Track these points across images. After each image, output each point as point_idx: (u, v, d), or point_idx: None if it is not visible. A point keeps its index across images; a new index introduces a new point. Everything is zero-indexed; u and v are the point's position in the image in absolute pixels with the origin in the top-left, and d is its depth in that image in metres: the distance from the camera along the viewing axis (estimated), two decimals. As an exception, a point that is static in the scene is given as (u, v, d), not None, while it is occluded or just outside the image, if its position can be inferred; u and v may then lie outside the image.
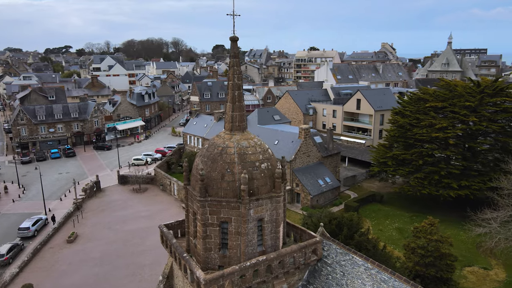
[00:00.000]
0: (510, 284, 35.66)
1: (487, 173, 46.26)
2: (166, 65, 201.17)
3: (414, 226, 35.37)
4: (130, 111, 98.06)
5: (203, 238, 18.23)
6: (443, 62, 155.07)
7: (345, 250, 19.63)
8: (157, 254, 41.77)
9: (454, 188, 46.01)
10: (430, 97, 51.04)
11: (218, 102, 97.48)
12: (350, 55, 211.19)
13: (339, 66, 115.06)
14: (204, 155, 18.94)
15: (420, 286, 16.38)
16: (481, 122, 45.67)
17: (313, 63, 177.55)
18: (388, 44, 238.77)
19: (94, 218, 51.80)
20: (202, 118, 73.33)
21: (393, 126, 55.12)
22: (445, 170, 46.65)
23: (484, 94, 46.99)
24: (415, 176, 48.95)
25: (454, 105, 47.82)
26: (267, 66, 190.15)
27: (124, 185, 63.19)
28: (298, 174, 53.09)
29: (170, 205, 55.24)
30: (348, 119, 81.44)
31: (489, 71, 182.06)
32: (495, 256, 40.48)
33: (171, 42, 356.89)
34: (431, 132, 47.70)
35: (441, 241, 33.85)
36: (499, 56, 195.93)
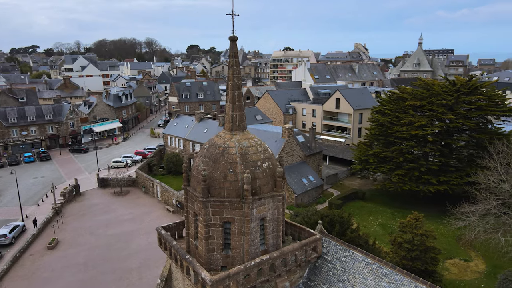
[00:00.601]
0: (490, 275, 37.24)
1: (463, 169, 48.17)
2: (140, 65, 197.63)
3: (400, 221, 36.39)
4: (106, 112, 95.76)
5: (205, 239, 18.12)
6: (415, 62, 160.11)
7: (344, 246, 20.00)
8: (144, 258, 41.14)
9: (433, 184, 47.62)
10: (409, 96, 52.62)
11: (197, 103, 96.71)
12: (325, 55, 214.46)
13: (317, 66, 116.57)
14: (204, 156, 18.83)
15: (421, 279, 16.92)
16: (458, 119, 47.50)
17: (290, 63, 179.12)
18: (361, 44, 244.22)
19: (75, 223, 50.31)
20: (182, 119, 72.58)
21: (373, 125, 56.43)
22: (424, 166, 48.24)
23: (460, 92, 48.88)
24: (396, 173, 50.32)
25: (432, 103, 49.49)
26: (243, 66, 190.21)
27: (105, 188, 61.67)
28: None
29: (153, 208, 54.39)
30: (328, 118, 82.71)
31: (457, 71, 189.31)
32: (474, 248, 42.20)
33: (145, 42, 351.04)
34: (411, 130, 49.17)
35: (426, 235, 35.00)
36: (466, 57, 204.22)
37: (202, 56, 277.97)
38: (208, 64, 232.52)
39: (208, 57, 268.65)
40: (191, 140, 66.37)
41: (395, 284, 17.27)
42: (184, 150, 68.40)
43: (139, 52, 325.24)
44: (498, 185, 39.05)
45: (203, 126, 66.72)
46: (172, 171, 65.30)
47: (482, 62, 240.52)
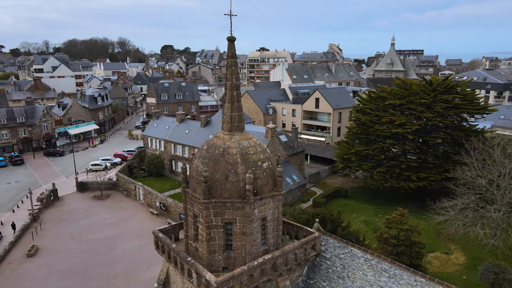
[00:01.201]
0: (470, 266, 38.74)
1: (441, 165, 49.90)
2: (114, 66, 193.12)
3: (386, 217, 37.33)
4: (82, 114, 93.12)
5: (207, 240, 18.00)
6: (388, 62, 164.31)
7: (343, 243, 20.35)
8: (130, 262, 40.34)
9: (413, 180, 49.05)
10: (388, 95, 53.99)
11: (176, 104, 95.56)
12: (300, 55, 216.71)
13: (294, 66, 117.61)
14: (204, 157, 18.69)
15: (420, 273, 17.45)
16: (435, 117, 49.18)
17: (266, 63, 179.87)
18: (335, 45, 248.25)
19: (54, 229, 48.70)
20: (163, 120, 71.56)
21: (354, 124, 57.55)
22: (405, 163, 49.64)
23: (437, 92, 50.60)
24: (377, 170, 51.50)
25: (411, 102, 50.97)
26: (220, 66, 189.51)
27: (84, 192, 59.98)
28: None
29: (136, 211, 53.37)
30: (307, 117, 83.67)
31: (427, 71, 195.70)
32: (453, 242, 43.78)
33: (117, 42, 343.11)
34: (391, 128, 50.48)
35: (411, 230, 36.07)
36: (435, 57, 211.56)
37: (177, 56, 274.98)
38: (184, 64, 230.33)
39: (183, 57, 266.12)
40: (173, 141, 65.54)
41: (394, 278, 17.74)
42: (165, 152, 67.48)
43: (112, 52, 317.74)
44: (475, 180, 40.74)
45: (185, 127, 66.04)
46: (153, 173, 64.28)
47: (450, 62, 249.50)
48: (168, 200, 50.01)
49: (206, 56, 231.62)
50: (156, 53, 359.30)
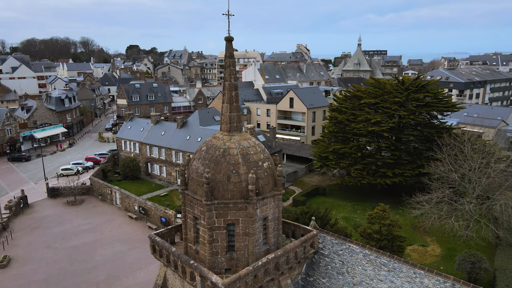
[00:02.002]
0: (446, 257, 40.51)
1: (415, 161, 51.86)
2: (78, 66, 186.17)
3: (368, 213, 38.37)
4: (48, 117, 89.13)
5: (209, 242, 17.80)
6: (355, 62, 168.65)
7: (340, 240, 20.74)
8: (111, 268, 39.13)
9: (389, 177, 50.67)
10: (363, 94, 55.47)
11: (148, 105, 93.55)
12: (270, 56, 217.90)
13: (266, 66, 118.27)
14: (204, 158, 18.46)
15: (418, 265, 18.10)
16: (409, 116, 51.04)
17: (236, 63, 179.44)
18: (303, 45, 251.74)
19: (27, 237, 46.38)
20: (137, 122, 69.88)
21: (330, 122, 58.65)
22: (380, 160, 51.20)
23: (409, 90, 52.53)
24: (355, 167, 52.78)
25: (385, 101, 52.60)
26: (189, 67, 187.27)
27: (56, 198, 57.50)
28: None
29: (114, 216, 51.79)
30: (282, 117, 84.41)
31: (392, 70, 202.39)
32: (429, 234, 45.59)
33: (80, 42, 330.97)
34: (367, 126, 51.89)
35: (392, 225, 37.32)
36: (399, 57, 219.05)
37: (144, 56, 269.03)
38: (152, 65, 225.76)
39: (150, 57, 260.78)
40: (148, 143, 64.16)
41: (394, 272, 18.30)
42: (141, 154, 65.94)
43: (75, 52, 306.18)
44: (448, 175, 42.67)
45: (160, 128, 64.82)
46: (128, 177, 62.65)
47: (412, 62, 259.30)
48: (147, 203, 48.92)
49: (174, 57, 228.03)
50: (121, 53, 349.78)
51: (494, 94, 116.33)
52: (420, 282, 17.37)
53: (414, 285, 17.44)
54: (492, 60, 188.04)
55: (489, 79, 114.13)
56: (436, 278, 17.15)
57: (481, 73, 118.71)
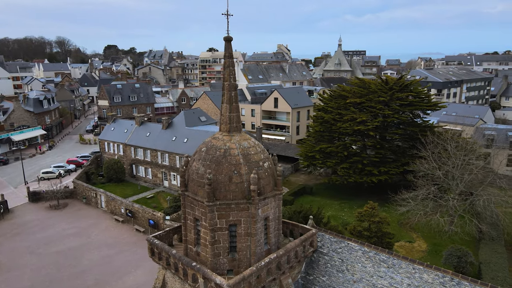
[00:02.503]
0: (432, 252, 41.51)
1: (399, 159, 52.95)
2: (55, 66, 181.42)
3: (358, 211, 38.93)
4: (26, 119, 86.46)
5: (211, 244, 17.68)
6: (336, 62, 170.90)
7: (339, 238, 20.96)
8: (100, 273, 38.35)
9: (375, 175, 51.53)
10: (349, 94, 56.25)
11: (130, 106, 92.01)
12: (251, 56, 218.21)
13: (249, 66, 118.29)
14: (204, 159, 18.32)
15: (417, 261, 18.49)
16: (394, 115, 52.07)
17: (218, 63, 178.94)
18: (283, 45, 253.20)
19: (8, 243, 44.87)
20: (120, 123, 68.64)
21: (316, 122, 59.18)
22: (367, 159, 52.04)
23: (393, 90, 53.58)
24: (341, 166, 53.44)
25: (370, 100, 53.47)
26: (170, 67, 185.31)
27: (37, 203, 55.86)
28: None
29: (99, 219, 50.72)
30: (267, 117, 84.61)
31: (371, 70, 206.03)
32: (414, 231, 46.62)
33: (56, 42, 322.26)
34: (353, 125, 52.65)
35: (381, 222, 38.01)
36: (378, 57, 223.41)
37: (123, 57, 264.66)
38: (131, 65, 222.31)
39: (129, 58, 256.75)
40: (133, 145, 63.14)
41: (393, 268, 18.63)
42: (125, 156, 64.82)
43: (50, 52, 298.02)
44: (433, 172, 43.77)
45: (145, 129, 63.90)
46: (113, 179, 61.48)
47: (390, 62, 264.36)
48: (134, 206, 48.14)
49: (154, 57, 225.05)
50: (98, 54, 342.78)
51: (470, 93, 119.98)
52: (420, 277, 17.76)
53: (414, 280, 17.81)
54: (467, 60, 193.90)
55: (465, 78, 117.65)
56: (435, 273, 17.56)
57: (458, 72, 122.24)
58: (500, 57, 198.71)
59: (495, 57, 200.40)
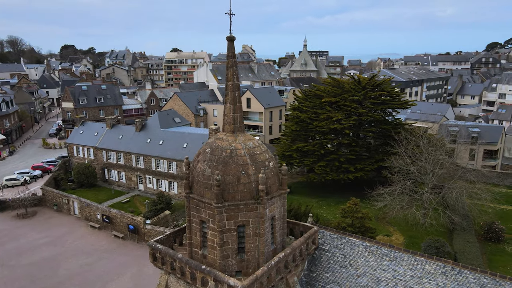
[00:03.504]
0: (409, 244, 43.16)
1: (373, 156, 54.71)
2: (9, 67, 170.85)
3: (342, 208, 39.84)
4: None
5: (220, 245, 17.46)
6: (302, 63, 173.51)
7: (340, 234, 21.37)
8: (80, 282, 36.77)
9: (351, 172, 52.93)
10: (323, 93, 57.38)
11: (96, 108, 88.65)
12: (217, 56, 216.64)
13: (218, 67, 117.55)
14: (210, 160, 18.05)
15: (419, 253, 19.22)
16: (368, 113, 53.71)
17: (184, 64, 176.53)
18: (248, 46, 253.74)
19: (-25, 257, 41.90)
20: (89, 126, 66.04)
21: (292, 121, 59.87)
22: (343, 156, 53.33)
23: (367, 89, 55.27)
24: (318, 164, 54.43)
25: (345, 99, 54.85)
26: (134, 68, 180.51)
27: (3, 212, 52.51)
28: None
29: (73, 227, 48.53)
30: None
31: (335, 70, 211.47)
32: (391, 225, 48.34)
33: (7, 41, 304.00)
34: (329, 124, 53.78)
35: (364, 217, 39.14)
36: (341, 58, 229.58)
37: (82, 57, 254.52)
38: (91, 65, 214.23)
39: (88, 58, 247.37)
40: (104, 148, 60.95)
41: (396, 261, 19.26)
42: (96, 160, 62.44)
43: (2, 52, 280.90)
44: (407, 167, 45.60)
45: (117, 132, 61.87)
46: (84, 184, 59.05)
47: (351, 63, 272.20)
48: (112, 211, 46.49)
49: (117, 57, 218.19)
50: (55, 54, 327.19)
51: (429, 91, 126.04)
52: (422, 268, 18.47)
53: (416, 272, 18.50)
54: (424, 61, 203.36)
55: (425, 78, 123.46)
56: (437, 264, 18.34)
57: (418, 72, 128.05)
58: (453, 58, 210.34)
59: (449, 58, 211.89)
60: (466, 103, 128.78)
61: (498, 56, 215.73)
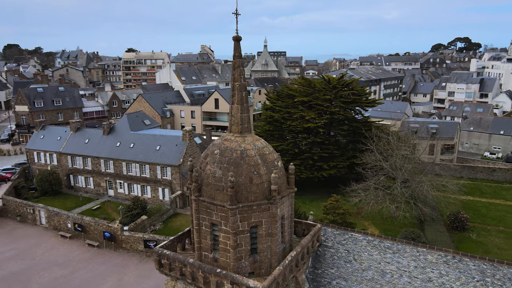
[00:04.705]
0: (384, 237, 44.99)
1: (345, 153, 56.40)
2: None
3: (323, 205, 40.73)
4: None
5: (233, 248, 17.25)
6: (263, 63, 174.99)
7: (342, 230, 21.85)
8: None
9: (325, 169, 54.22)
10: (296, 93, 58.28)
11: (54, 111, 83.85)
12: (176, 57, 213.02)
13: (182, 67, 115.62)
14: (220, 161, 17.76)
15: (420, 243, 20.10)
16: (340, 112, 55.25)
17: (143, 64, 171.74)
18: (206, 46, 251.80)
19: None
20: (51, 130, 62.40)
21: (265, 121, 60.26)
22: (317, 155, 54.48)
23: (337, 89, 56.83)
24: (293, 163, 55.07)
25: (317, 98, 56.06)
26: (89, 69, 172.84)
27: (-42, 226, 48.32)
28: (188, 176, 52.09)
29: (42, 237, 45.64)
30: (207, 118, 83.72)
31: (295, 70, 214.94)
32: (365, 219, 50.09)
33: None
34: (303, 123, 54.72)
35: (345, 213, 40.27)
36: (300, 58, 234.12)
37: (29, 57, 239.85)
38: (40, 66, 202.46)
39: (36, 58, 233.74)
40: (69, 153, 57.89)
41: (399, 253, 20.02)
42: (60, 166, 59.13)
43: None
44: (380, 163, 47.48)
45: (83, 136, 58.96)
46: (48, 192, 55.72)
47: (308, 63, 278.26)
48: (85, 219, 44.26)
49: (68, 58, 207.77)
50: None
51: (387, 90, 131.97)
52: (424, 258, 19.36)
53: (419, 262, 19.35)
54: (378, 61, 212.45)
55: (382, 77, 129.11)
56: (438, 253, 19.30)
57: (376, 72, 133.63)
58: (404, 58, 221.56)
59: (401, 58, 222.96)
60: (419, 101, 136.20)
61: (443, 57, 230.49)
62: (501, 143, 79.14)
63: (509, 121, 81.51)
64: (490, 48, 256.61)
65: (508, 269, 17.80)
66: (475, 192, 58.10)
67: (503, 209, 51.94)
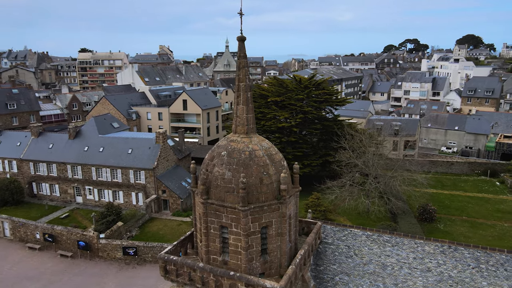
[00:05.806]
0: (361, 232, 46.45)
1: (317, 152, 57.58)
2: None
3: (305, 203, 41.33)
4: None
5: (245, 249, 17.11)
6: (225, 63, 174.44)
7: (341, 227, 22.32)
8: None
9: (300, 168, 54.94)
10: (268, 93, 58.65)
11: (8, 115, 78.40)
12: (134, 57, 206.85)
13: (145, 68, 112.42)
14: (228, 163, 17.53)
15: (417, 235, 20.97)
16: (313, 111, 56.30)
17: (100, 65, 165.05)
18: (165, 46, 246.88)
19: None
20: (9, 135, 58.38)
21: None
22: (291, 154, 55.14)
23: (309, 88, 57.88)
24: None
25: (290, 98, 56.77)
26: (41, 70, 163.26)
27: None
28: (163, 180, 50.99)
29: (7, 250, 42.62)
30: (175, 120, 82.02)
31: (256, 70, 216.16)
32: (340, 215, 51.41)
33: None
34: (277, 123, 55.21)
35: (326, 210, 41.15)
36: (261, 58, 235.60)
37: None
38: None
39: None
40: (31, 159, 54.48)
41: (398, 246, 20.80)
42: (21, 173, 55.49)
43: None
44: (352, 160, 49.00)
45: (46, 141, 55.70)
46: (9, 202, 52.10)
47: (268, 63, 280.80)
48: (56, 228, 41.86)
49: (16, 58, 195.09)
50: None
51: (348, 90, 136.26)
52: (422, 250, 20.26)
53: (417, 253, 20.22)
54: (336, 61, 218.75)
55: (344, 77, 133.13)
56: (435, 244, 20.27)
57: (337, 72, 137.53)
58: (361, 59, 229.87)
59: (357, 59, 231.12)
60: (377, 99, 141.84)
61: (396, 57, 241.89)
62: (456, 138, 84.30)
63: (462, 117, 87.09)
64: (437, 49, 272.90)
65: (500, 255, 19.06)
66: (437, 185, 61.41)
67: (464, 200, 55.39)
